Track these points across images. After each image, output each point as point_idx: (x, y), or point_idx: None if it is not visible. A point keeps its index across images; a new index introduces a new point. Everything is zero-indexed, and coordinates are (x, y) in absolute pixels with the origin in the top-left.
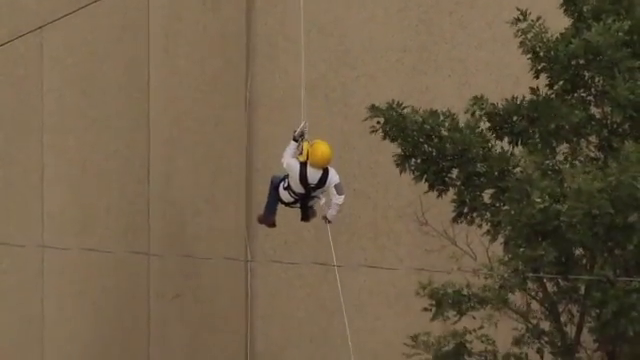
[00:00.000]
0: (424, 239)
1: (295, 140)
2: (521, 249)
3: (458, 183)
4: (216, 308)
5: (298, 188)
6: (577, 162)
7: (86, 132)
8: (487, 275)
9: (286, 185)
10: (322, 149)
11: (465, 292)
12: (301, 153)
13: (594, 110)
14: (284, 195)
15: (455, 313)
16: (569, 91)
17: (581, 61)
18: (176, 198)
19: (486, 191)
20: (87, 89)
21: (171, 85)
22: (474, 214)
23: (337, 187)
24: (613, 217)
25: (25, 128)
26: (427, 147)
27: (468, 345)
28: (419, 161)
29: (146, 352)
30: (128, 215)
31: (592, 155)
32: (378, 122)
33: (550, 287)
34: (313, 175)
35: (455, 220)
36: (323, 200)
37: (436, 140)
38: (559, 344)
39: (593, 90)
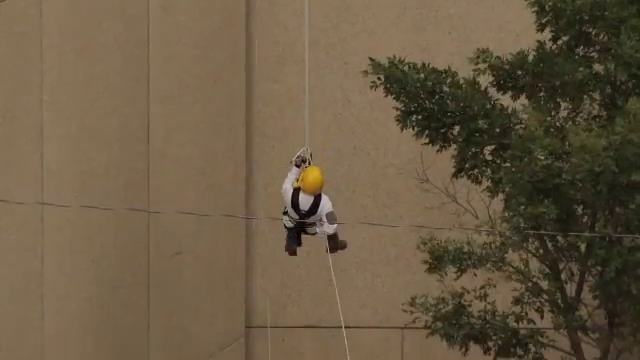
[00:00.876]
0: (424, 196)
1: (297, 166)
2: (522, 207)
3: (459, 140)
4: (216, 265)
5: (293, 214)
6: (580, 119)
7: (85, 89)
8: (488, 232)
9: (284, 210)
10: (313, 175)
11: (465, 249)
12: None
13: (598, 67)
14: (285, 220)
15: (455, 270)
16: (573, 48)
17: (586, 17)
18: (175, 155)
19: (487, 148)
20: (86, 46)
21: (170, 42)
22: (475, 170)
23: (328, 216)
24: (616, 176)
25: (24, 85)
26: (428, 104)
27: (467, 305)
28: (420, 118)
29: (146, 309)
30: (127, 172)
31: (595, 113)
32: (379, 78)
33: (550, 245)
34: (304, 202)
35: (455, 175)
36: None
37: (437, 97)
38: (559, 302)
39: (597, 47)
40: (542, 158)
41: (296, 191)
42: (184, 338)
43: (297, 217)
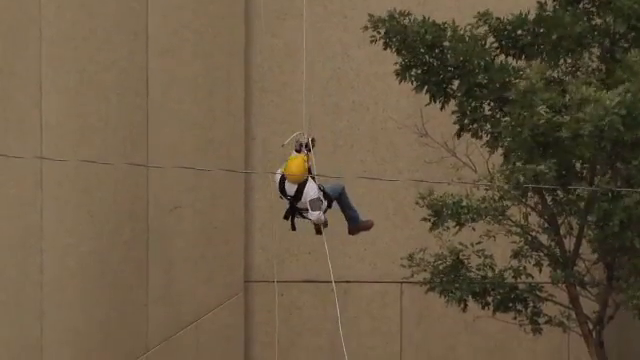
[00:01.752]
0: (423, 151)
1: (297, 151)
2: (521, 162)
3: (459, 94)
4: (215, 220)
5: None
6: (579, 74)
7: (84, 43)
8: (487, 187)
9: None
10: (294, 165)
11: (464, 203)
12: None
13: (597, 20)
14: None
15: (454, 224)
16: (572, 2)
17: None
18: (174, 110)
19: (486, 103)
20: (85, 0)
21: None
22: (474, 125)
23: (311, 203)
24: (621, 133)
25: (23, 40)
26: (428, 58)
27: (465, 261)
28: (419, 72)
29: (145, 263)
30: (126, 127)
31: (594, 67)
32: (378, 32)
33: (550, 200)
34: (290, 187)
35: (458, 134)
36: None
37: (437, 51)
38: (558, 256)
39: (597, 2)
40: (544, 113)
41: (283, 177)
42: (183, 292)
43: (287, 201)
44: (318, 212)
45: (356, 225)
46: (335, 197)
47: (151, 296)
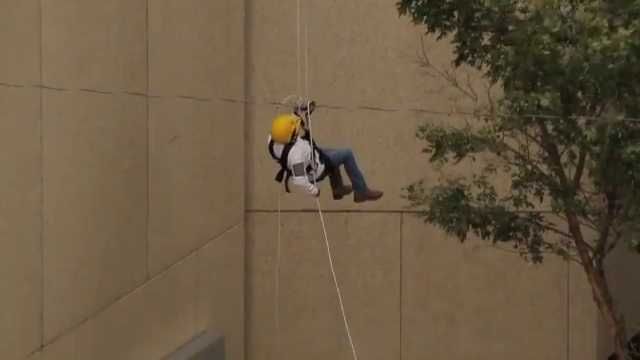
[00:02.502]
0: (424, 81)
1: (295, 114)
2: (522, 92)
3: (458, 25)
4: (215, 150)
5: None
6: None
7: None
8: (487, 116)
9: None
10: (276, 124)
11: (465, 134)
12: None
13: None
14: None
15: (454, 155)
16: None
17: None
18: (174, 39)
19: (486, 33)
20: None
21: None
22: (474, 55)
23: (295, 168)
24: (632, 65)
25: None
26: None
27: (465, 191)
28: (420, 4)
29: (145, 193)
30: (126, 56)
31: None
32: None
33: (551, 129)
34: (277, 149)
35: (457, 63)
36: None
37: None
38: (558, 186)
39: None
40: (548, 40)
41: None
42: (183, 222)
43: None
44: (301, 177)
45: (362, 193)
46: (338, 162)
47: (151, 225)
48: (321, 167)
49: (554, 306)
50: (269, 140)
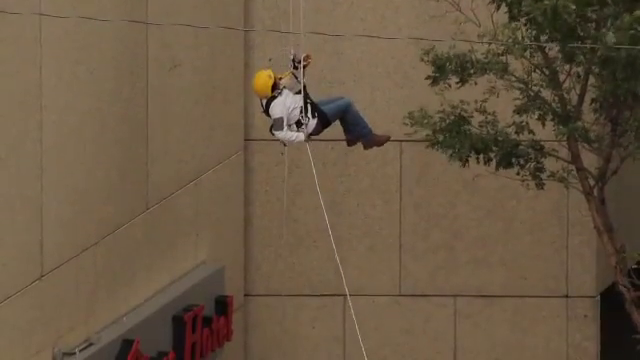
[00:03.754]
0: (425, 7)
1: (294, 67)
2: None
3: None
4: (214, 79)
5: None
6: None
7: None
8: (490, 42)
9: None
10: (255, 77)
11: (468, 58)
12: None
13: None
14: None
15: (457, 80)
16: None
17: None
18: None
19: None
20: None
21: None
22: None
23: (274, 122)
24: None
25: None
26: None
27: (468, 117)
28: None
29: (144, 121)
30: None
31: None
32: None
33: (557, 51)
34: (263, 103)
35: None
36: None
37: None
38: (560, 111)
39: None
40: None
41: None
42: (183, 151)
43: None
44: (280, 132)
45: (369, 140)
46: (336, 114)
47: (150, 154)
48: (313, 122)
49: (553, 235)
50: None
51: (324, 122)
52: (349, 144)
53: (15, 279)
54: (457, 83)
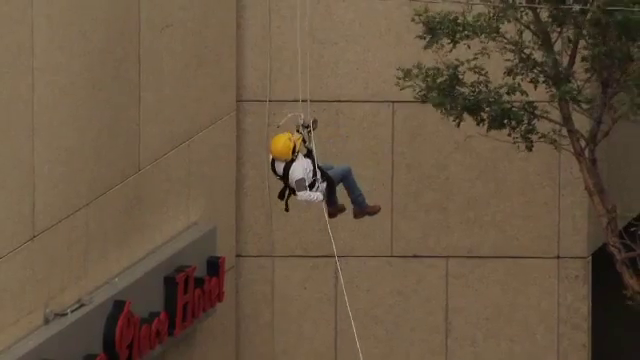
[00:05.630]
0: None
1: (298, 132)
2: None
3: None
4: (207, 39)
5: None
6: None
7: None
8: (481, 3)
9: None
10: (275, 142)
11: (460, 20)
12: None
13: None
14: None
15: (449, 41)
16: None
17: None
18: None
19: None
20: None
21: None
22: None
23: (297, 183)
24: None
25: None
26: None
27: (461, 76)
28: None
29: (137, 82)
30: None
31: None
32: None
33: (546, 15)
34: (279, 166)
35: None
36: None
37: None
38: (552, 73)
39: None
40: None
41: None
42: (175, 111)
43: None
44: (303, 192)
45: (362, 209)
46: (338, 179)
47: (143, 115)
48: (323, 184)
49: (545, 196)
50: (270, 158)
51: (330, 185)
52: (330, 216)
53: (6, 240)
54: (449, 44)
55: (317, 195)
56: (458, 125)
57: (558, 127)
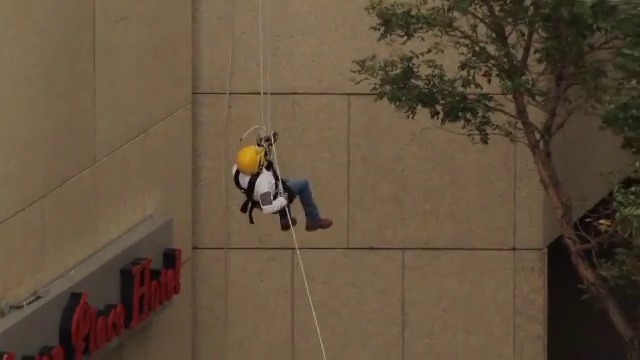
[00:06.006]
0: None
1: (259, 145)
2: None
3: None
4: (162, 32)
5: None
6: None
7: None
8: None
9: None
10: (242, 155)
11: (414, 13)
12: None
13: None
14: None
15: (403, 34)
16: None
17: None
18: None
19: None
20: None
21: None
22: None
23: (262, 197)
24: None
25: None
26: None
27: (415, 69)
28: None
29: (92, 75)
30: None
31: None
32: None
33: (498, 10)
34: (243, 180)
35: None
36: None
37: None
38: (506, 66)
39: None
40: None
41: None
42: (130, 104)
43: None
44: (269, 206)
45: (315, 222)
46: (297, 192)
47: (98, 107)
48: (284, 195)
49: (501, 188)
50: (234, 170)
51: (290, 197)
52: (283, 228)
53: None
54: (402, 36)
55: (280, 201)
56: (412, 117)
57: (513, 120)
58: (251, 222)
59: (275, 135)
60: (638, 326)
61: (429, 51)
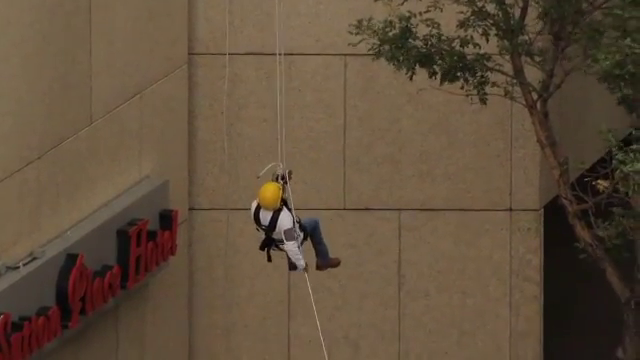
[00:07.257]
0: None
1: (276, 181)
2: None
3: None
4: None
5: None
6: None
7: None
8: None
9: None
10: (265, 191)
11: None
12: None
13: None
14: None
15: None
16: None
17: None
18: None
19: None
20: None
21: None
22: None
23: (286, 233)
24: None
25: None
26: None
27: (413, 29)
28: None
29: (88, 35)
30: None
31: None
32: None
33: None
34: (264, 216)
35: None
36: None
37: None
38: (504, 26)
39: None
40: None
41: (259, 206)
42: (127, 64)
43: (262, 232)
44: (293, 242)
45: (325, 261)
46: (310, 230)
47: (94, 67)
48: (301, 234)
49: (497, 149)
50: (254, 207)
51: (305, 235)
52: (319, 268)
53: None
54: None
55: (301, 262)
56: (411, 78)
57: (511, 80)
58: (269, 260)
59: (290, 173)
60: (635, 287)
61: (427, 11)
